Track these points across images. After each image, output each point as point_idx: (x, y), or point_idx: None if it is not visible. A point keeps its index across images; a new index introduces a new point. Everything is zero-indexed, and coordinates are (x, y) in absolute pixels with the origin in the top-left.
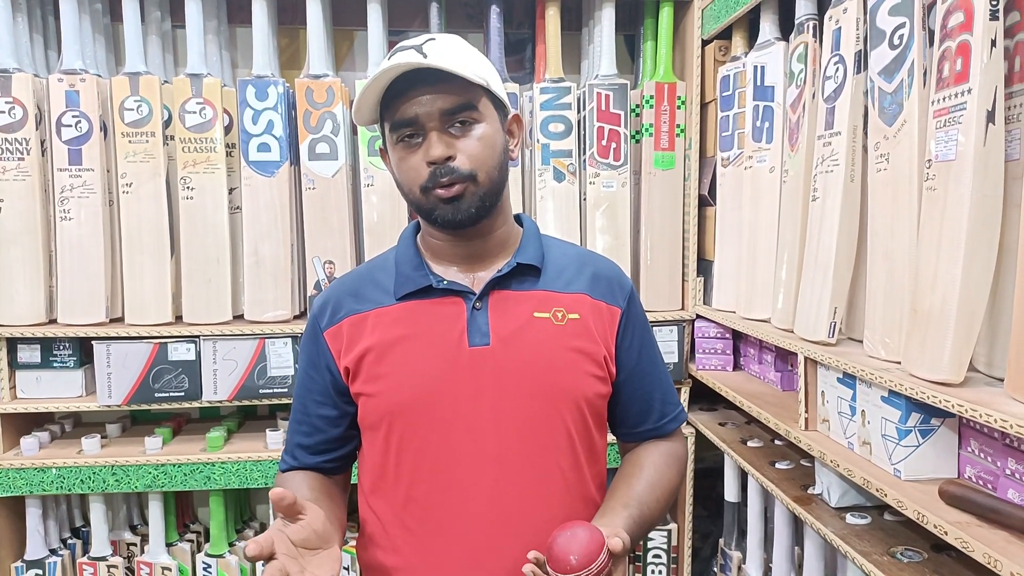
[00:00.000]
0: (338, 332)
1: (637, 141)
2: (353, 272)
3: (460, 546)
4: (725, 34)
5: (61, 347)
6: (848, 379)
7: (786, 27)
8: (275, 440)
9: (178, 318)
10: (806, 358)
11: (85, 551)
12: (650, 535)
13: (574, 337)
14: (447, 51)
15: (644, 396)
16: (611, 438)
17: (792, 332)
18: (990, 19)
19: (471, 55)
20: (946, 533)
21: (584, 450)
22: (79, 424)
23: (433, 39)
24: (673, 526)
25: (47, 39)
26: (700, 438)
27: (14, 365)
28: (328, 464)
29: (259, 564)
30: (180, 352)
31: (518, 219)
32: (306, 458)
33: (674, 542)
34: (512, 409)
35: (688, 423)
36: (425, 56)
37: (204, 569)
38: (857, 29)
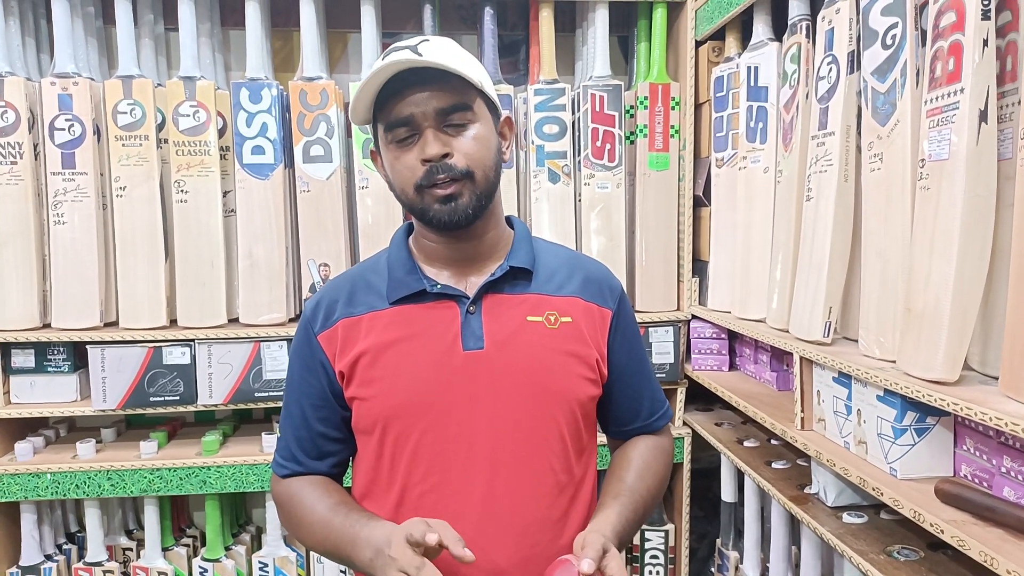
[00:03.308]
0: (332, 335)
1: (631, 142)
2: (345, 275)
3: None
4: (718, 35)
5: (55, 351)
6: (843, 378)
7: (779, 28)
8: (271, 443)
9: (172, 322)
10: (801, 358)
11: (81, 556)
12: (647, 536)
13: (567, 340)
14: (442, 52)
15: (634, 395)
16: (601, 439)
17: (787, 332)
18: (982, 19)
19: (464, 57)
20: (942, 531)
21: (575, 451)
22: (74, 429)
23: (427, 40)
24: (670, 526)
25: (39, 42)
26: (696, 438)
27: (8, 370)
28: (333, 469)
29: (256, 564)
30: (175, 356)
31: (508, 222)
32: (311, 463)
33: (671, 542)
34: (506, 412)
35: (684, 423)
36: (420, 55)
37: (201, 573)
38: (850, 29)
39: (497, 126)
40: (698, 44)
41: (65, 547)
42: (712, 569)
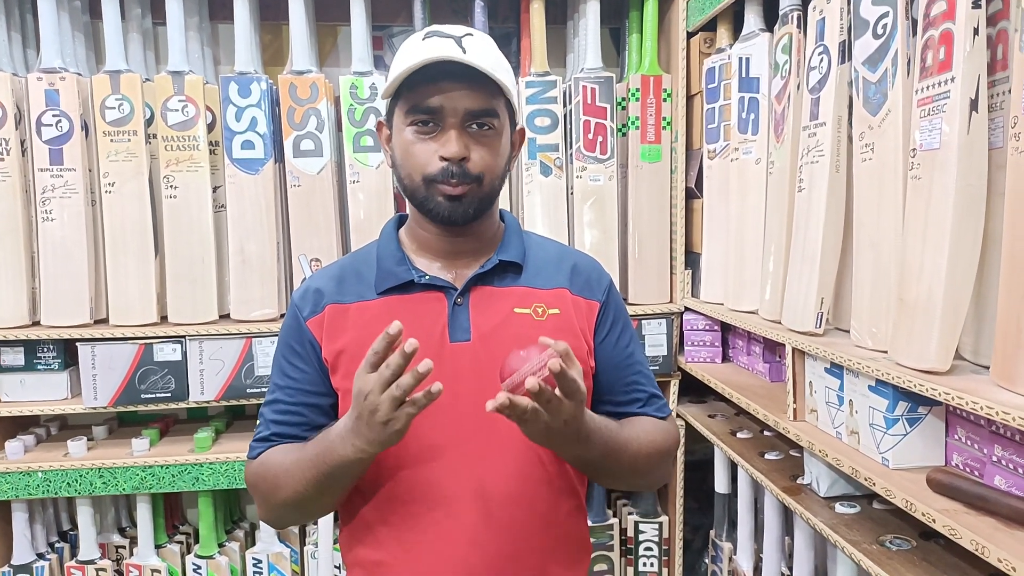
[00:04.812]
0: (320, 321)
1: (623, 134)
2: (335, 264)
3: (442, 541)
4: (710, 26)
5: (45, 349)
6: (835, 369)
7: (770, 18)
8: None
9: (163, 318)
10: (794, 349)
11: (73, 555)
12: (641, 528)
13: (554, 332)
14: (483, 52)
15: (627, 388)
16: None
17: (780, 323)
18: (972, 7)
19: (501, 61)
20: (934, 521)
21: None
22: (65, 427)
23: (471, 34)
24: (664, 518)
25: (26, 37)
26: (690, 430)
27: None
28: None
29: (250, 561)
30: (166, 353)
31: (500, 216)
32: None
33: (665, 534)
34: None
35: (678, 415)
36: (464, 52)
37: (194, 570)
38: (841, 19)
39: (512, 135)
40: (690, 35)
41: (57, 545)
42: (706, 560)
